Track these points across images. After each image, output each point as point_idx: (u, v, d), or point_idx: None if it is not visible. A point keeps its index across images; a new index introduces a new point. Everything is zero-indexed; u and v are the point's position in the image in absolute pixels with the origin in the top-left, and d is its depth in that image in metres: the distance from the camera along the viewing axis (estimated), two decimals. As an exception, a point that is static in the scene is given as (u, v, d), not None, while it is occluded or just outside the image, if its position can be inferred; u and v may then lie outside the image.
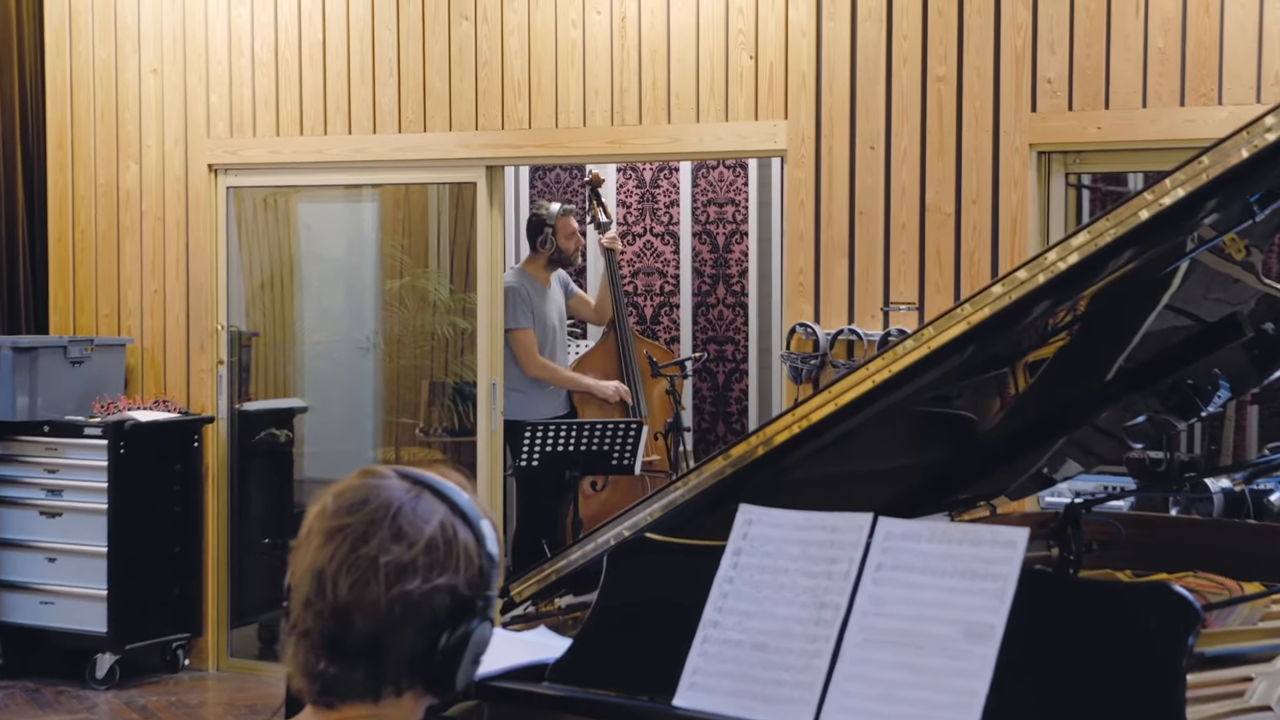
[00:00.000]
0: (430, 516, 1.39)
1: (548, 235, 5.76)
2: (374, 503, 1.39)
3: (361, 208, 6.85)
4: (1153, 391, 2.49)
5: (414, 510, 1.39)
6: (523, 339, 5.65)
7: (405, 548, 1.37)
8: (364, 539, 1.37)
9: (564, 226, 5.80)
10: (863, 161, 4.74)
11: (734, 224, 6.86)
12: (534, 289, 5.73)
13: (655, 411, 5.94)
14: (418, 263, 6.86)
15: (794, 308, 4.82)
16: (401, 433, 6.80)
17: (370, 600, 1.36)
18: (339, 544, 1.38)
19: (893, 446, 2.48)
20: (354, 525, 1.38)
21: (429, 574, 1.37)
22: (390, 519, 1.38)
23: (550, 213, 5.80)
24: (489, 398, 5.28)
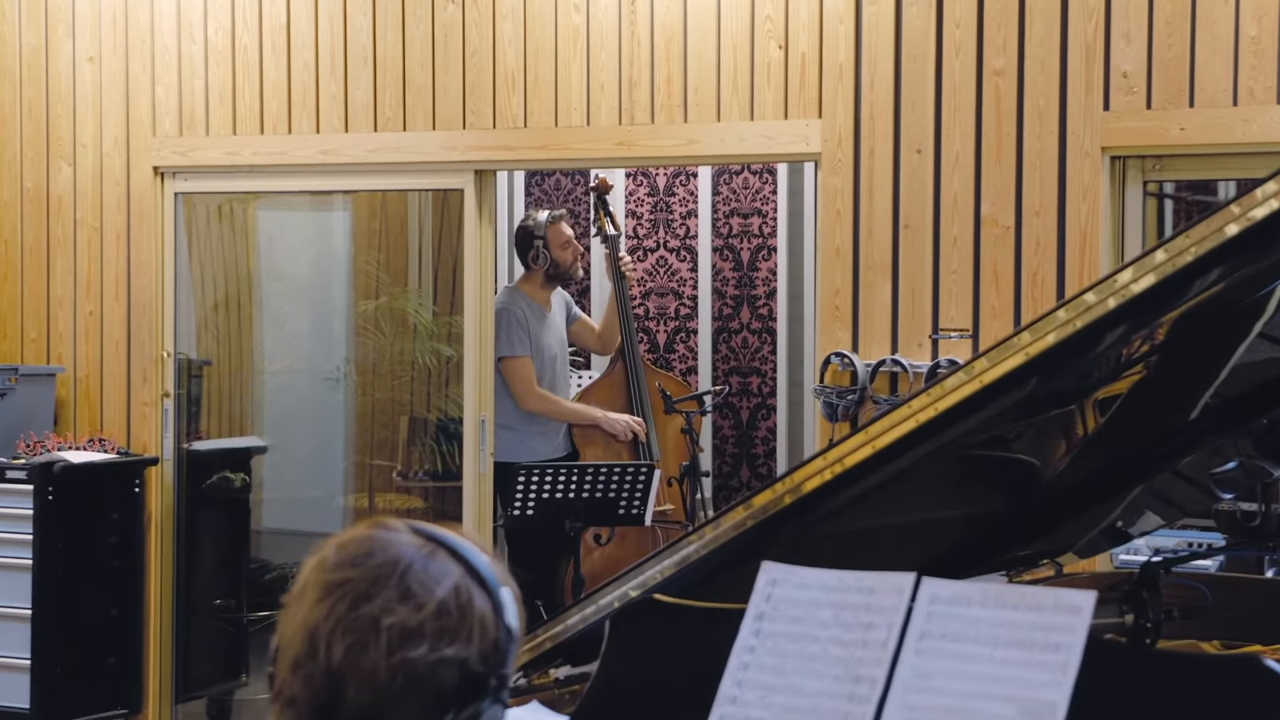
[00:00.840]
0: (443, 578, 1.40)
1: (539, 249, 5.79)
2: (380, 557, 1.40)
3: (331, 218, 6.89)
4: (1245, 433, 2.49)
5: (425, 569, 1.40)
6: (518, 369, 5.67)
7: (412, 610, 1.38)
8: (366, 597, 1.39)
9: (556, 235, 5.83)
10: (908, 167, 4.76)
11: (760, 238, 6.89)
12: (530, 311, 5.75)
13: (669, 453, 5.95)
14: (396, 281, 6.89)
15: (829, 335, 4.83)
16: (377, 476, 6.81)
17: (368, 666, 1.37)
18: (337, 600, 1.39)
19: (940, 496, 2.49)
20: (356, 580, 1.39)
21: (437, 642, 1.38)
22: (398, 577, 1.39)
23: (538, 222, 5.83)
24: (476, 436, 5.29)
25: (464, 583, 1.41)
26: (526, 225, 5.86)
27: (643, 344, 6.97)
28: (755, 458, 6.94)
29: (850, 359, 4.78)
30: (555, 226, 5.83)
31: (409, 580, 1.39)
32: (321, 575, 1.41)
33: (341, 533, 1.44)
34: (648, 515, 5.08)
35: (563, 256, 5.82)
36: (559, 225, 5.85)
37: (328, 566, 1.41)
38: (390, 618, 1.37)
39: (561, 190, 7.21)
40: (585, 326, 6.14)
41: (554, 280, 5.87)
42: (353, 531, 1.43)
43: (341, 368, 6.83)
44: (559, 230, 5.84)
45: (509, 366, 5.65)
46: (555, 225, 5.83)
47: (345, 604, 1.38)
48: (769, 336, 6.88)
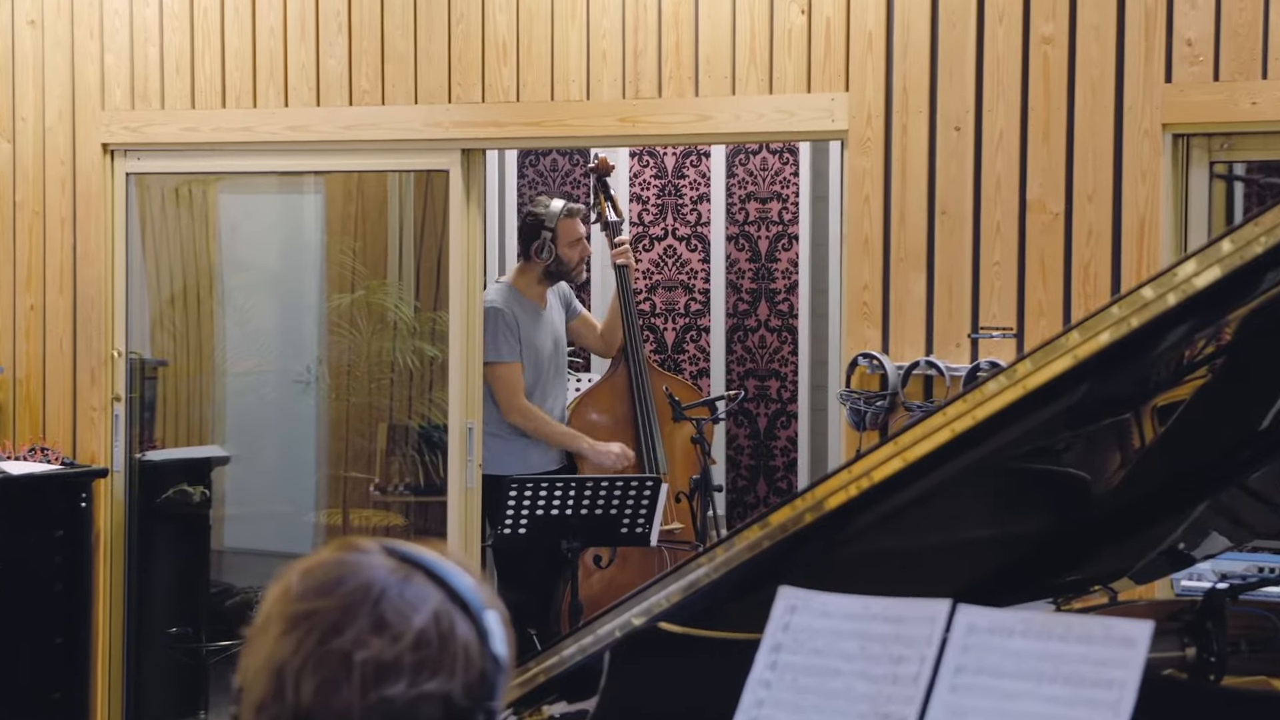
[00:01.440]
0: (421, 604, 1.41)
1: (545, 241, 5.80)
2: (351, 583, 1.41)
3: (301, 202, 6.89)
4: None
5: (401, 595, 1.40)
6: (505, 376, 5.68)
7: (388, 642, 1.38)
8: (337, 629, 1.39)
9: (567, 231, 5.83)
10: (945, 146, 4.76)
11: (780, 225, 6.89)
12: (524, 310, 5.76)
13: (678, 466, 5.95)
14: (374, 273, 6.90)
15: (856, 334, 4.83)
16: (352, 490, 6.82)
17: (340, 707, 1.37)
18: (305, 634, 1.39)
19: (979, 514, 2.49)
20: (325, 611, 1.40)
21: (416, 676, 1.38)
22: (371, 605, 1.39)
23: (550, 212, 5.83)
24: (463, 446, 5.30)
25: (445, 608, 1.41)
26: (537, 213, 5.85)
27: (648, 344, 6.98)
28: (774, 471, 6.94)
29: (879, 361, 4.78)
30: (569, 221, 5.84)
31: (383, 608, 1.39)
32: (286, 606, 1.41)
33: (307, 557, 1.44)
34: (653, 534, 5.08)
35: (569, 255, 5.83)
36: (573, 221, 5.85)
37: (293, 596, 1.41)
38: (364, 651, 1.37)
39: (558, 172, 7.22)
40: (586, 324, 6.15)
41: (553, 278, 5.87)
42: (319, 556, 1.43)
43: (313, 369, 6.84)
44: (572, 226, 5.84)
45: (495, 373, 5.66)
46: (569, 220, 5.84)
47: (314, 638, 1.38)
48: (789, 335, 6.88)
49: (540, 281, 5.85)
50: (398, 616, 1.39)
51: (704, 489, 5.49)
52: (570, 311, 6.07)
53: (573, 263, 5.85)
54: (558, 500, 4.97)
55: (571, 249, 5.84)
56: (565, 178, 7.21)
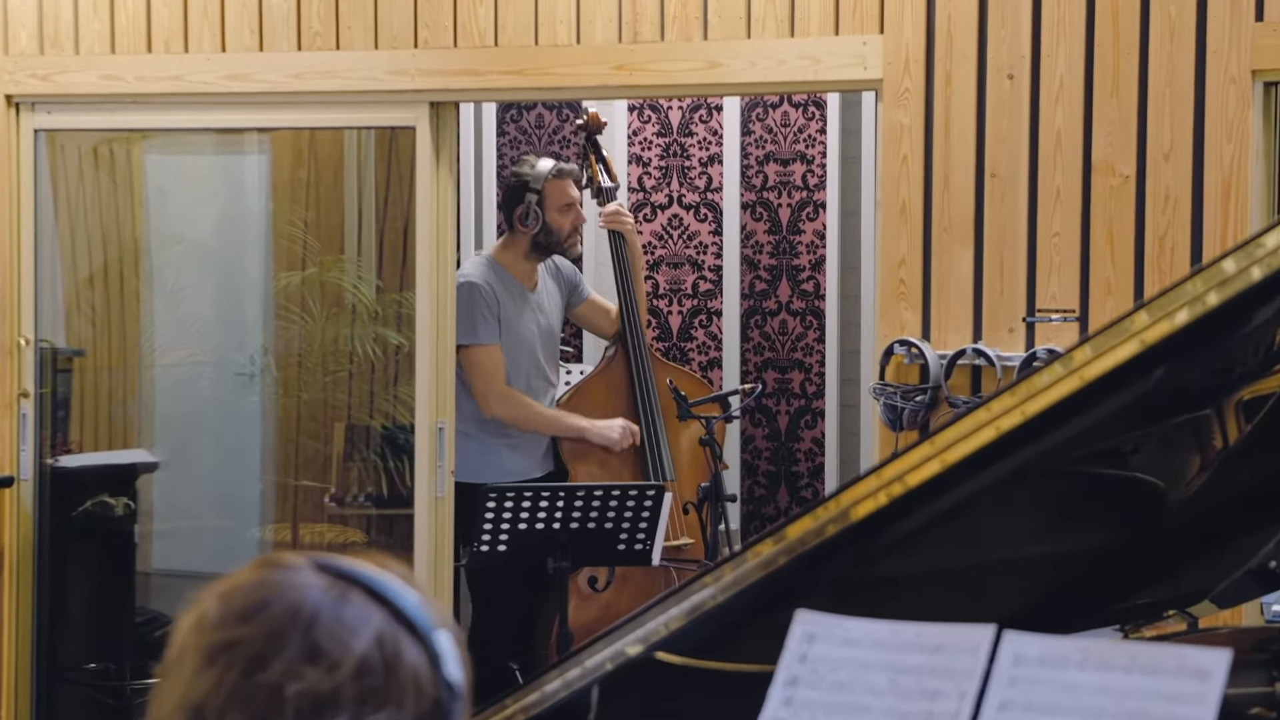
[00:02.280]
0: (361, 626, 1.41)
1: (530, 206, 5.78)
2: (277, 606, 1.41)
3: (243, 164, 6.90)
4: None
5: (337, 618, 1.41)
6: (481, 361, 5.67)
7: (325, 672, 1.39)
8: (263, 660, 1.39)
9: (556, 193, 5.81)
10: (996, 98, 4.76)
11: (804, 191, 6.90)
12: (505, 287, 5.75)
13: (685, 471, 5.96)
14: (328, 247, 6.90)
15: (892, 318, 4.83)
16: (303, 501, 6.83)
17: None
18: (226, 667, 1.40)
19: (1030, 527, 2.49)
20: (248, 640, 1.40)
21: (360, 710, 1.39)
22: (302, 630, 1.40)
23: (536, 172, 5.81)
24: (432, 449, 5.30)
25: (389, 630, 1.41)
26: (521, 174, 5.84)
27: (651, 329, 6.98)
28: (797, 477, 6.95)
29: (919, 349, 4.78)
30: (558, 183, 5.82)
31: (316, 633, 1.39)
32: (203, 636, 1.41)
33: (224, 579, 1.44)
34: (656, 552, 5.08)
35: (559, 223, 5.81)
36: (563, 183, 5.83)
37: (210, 624, 1.42)
38: (297, 684, 1.38)
39: (545, 129, 7.22)
40: (596, 310, 6.12)
41: (542, 251, 5.85)
42: (238, 576, 1.44)
43: (257, 360, 6.85)
44: (562, 189, 5.82)
45: (470, 358, 5.66)
46: (559, 182, 5.82)
47: (236, 671, 1.39)
48: (815, 320, 6.89)
49: (528, 256, 5.84)
50: (334, 642, 1.40)
51: (715, 498, 5.50)
52: (576, 295, 6.05)
53: (564, 232, 5.83)
54: (544, 512, 4.97)
55: (562, 215, 5.82)
56: (553, 136, 7.21)
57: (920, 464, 2.19)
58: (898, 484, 2.22)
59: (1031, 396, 2.10)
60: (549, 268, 5.97)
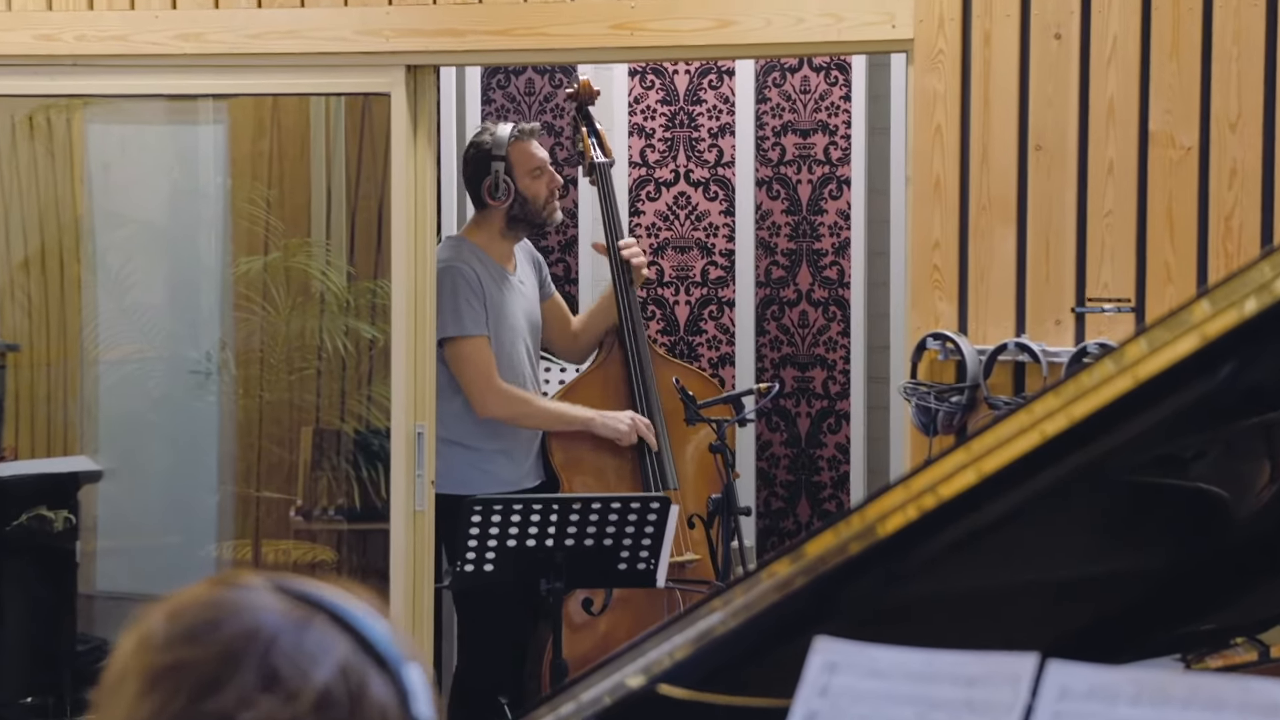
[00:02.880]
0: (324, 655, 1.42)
1: (497, 176, 5.78)
2: (231, 628, 1.42)
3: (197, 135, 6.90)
4: None
5: (298, 644, 1.41)
6: (470, 355, 5.66)
7: (282, 701, 1.39)
8: (214, 684, 1.40)
9: (522, 157, 5.82)
10: (1042, 60, 4.75)
11: (826, 166, 6.89)
12: (485, 269, 5.75)
13: (692, 482, 5.96)
14: (293, 228, 6.91)
15: (924, 308, 4.83)
16: (266, 515, 6.84)
17: None
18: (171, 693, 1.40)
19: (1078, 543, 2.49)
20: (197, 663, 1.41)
21: None
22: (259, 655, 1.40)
23: (496, 138, 5.82)
24: (410, 456, 5.30)
25: (354, 661, 1.41)
26: (481, 143, 5.85)
27: (654, 321, 6.98)
28: (819, 488, 6.95)
29: (956, 344, 4.78)
30: (521, 145, 5.83)
31: (275, 660, 1.39)
32: (146, 658, 1.41)
33: (173, 596, 1.44)
34: (660, 572, 5.09)
35: (532, 189, 5.81)
36: (526, 144, 5.84)
37: (155, 644, 1.42)
38: (250, 713, 1.38)
39: (535, 95, 7.22)
40: (557, 313, 6.13)
41: (519, 225, 5.86)
42: (189, 593, 1.44)
43: (213, 356, 6.86)
44: (526, 151, 5.83)
45: (458, 352, 5.65)
46: (521, 143, 5.83)
47: (183, 697, 1.39)
48: (839, 311, 6.88)
49: (504, 234, 5.85)
50: (294, 670, 1.40)
51: (726, 512, 5.50)
52: (544, 289, 6.06)
53: (540, 199, 5.84)
54: (535, 527, 4.98)
55: (534, 180, 5.83)
56: (545, 103, 7.21)
57: (954, 473, 2.19)
58: (929, 496, 2.22)
59: (1078, 397, 2.10)
60: (525, 251, 5.98)
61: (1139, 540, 2.58)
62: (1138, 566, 2.61)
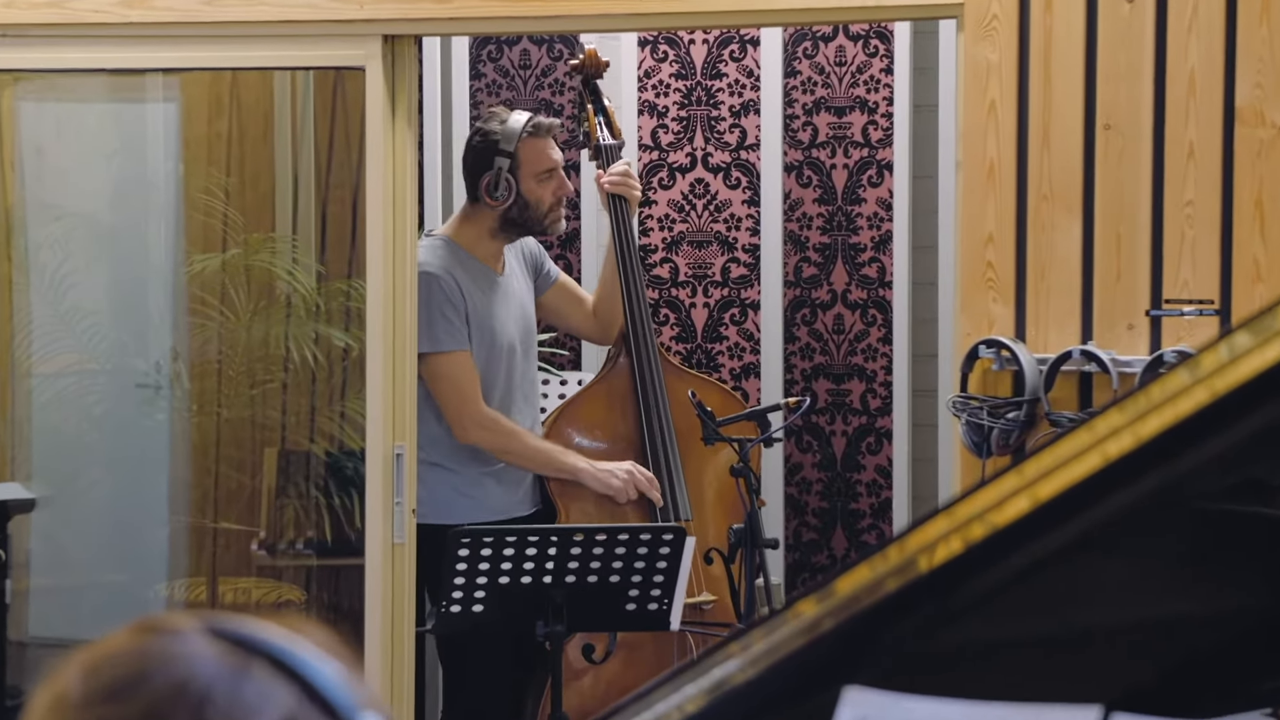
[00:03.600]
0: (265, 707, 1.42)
1: (501, 173, 5.75)
2: (159, 681, 1.41)
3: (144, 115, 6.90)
4: None
5: (234, 697, 1.41)
6: (451, 373, 5.66)
7: (219, 764, 1.40)
8: None
9: (534, 156, 5.79)
10: (1110, 27, 4.76)
11: (865, 148, 6.90)
12: (470, 276, 5.74)
13: (710, 510, 5.96)
14: (254, 222, 6.92)
15: (977, 311, 4.83)
16: (225, 549, 6.84)
17: None
18: None
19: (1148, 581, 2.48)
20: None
21: None
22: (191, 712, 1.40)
23: (508, 128, 5.79)
24: (388, 481, 5.30)
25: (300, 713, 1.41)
26: (489, 132, 5.80)
27: (667, 326, 6.98)
28: (856, 517, 6.95)
29: (1012, 351, 4.78)
30: (534, 143, 5.79)
31: (209, 715, 1.39)
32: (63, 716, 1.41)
33: (91, 647, 1.44)
34: (674, 613, 5.09)
35: (536, 193, 5.78)
36: (541, 142, 5.80)
37: (71, 703, 1.41)
38: None
39: (531, 69, 7.22)
40: (567, 295, 6.12)
41: (513, 229, 5.83)
42: (110, 643, 1.43)
43: (164, 368, 6.86)
44: (539, 150, 5.80)
45: (435, 370, 5.64)
46: (535, 141, 5.79)
47: None
48: (879, 314, 6.89)
49: (495, 235, 5.83)
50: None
51: (750, 545, 5.50)
52: (542, 278, 6.05)
53: (544, 207, 5.81)
54: (531, 562, 4.98)
55: (541, 184, 5.80)
56: (543, 79, 7.22)
57: (1005, 500, 2.19)
58: (977, 525, 2.22)
59: (1147, 413, 2.10)
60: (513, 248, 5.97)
61: (1221, 578, 2.57)
62: (1219, 608, 2.60)
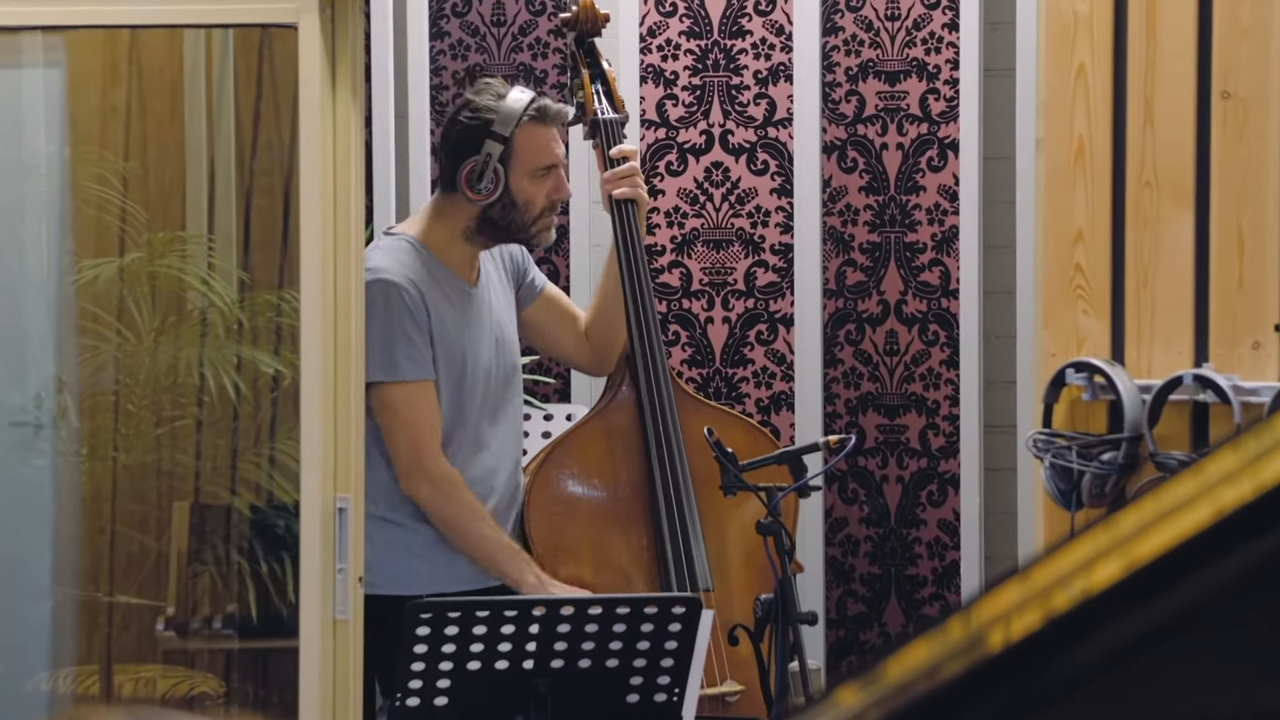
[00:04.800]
0: None
1: (490, 163, 5.73)
2: None
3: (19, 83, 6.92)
4: None
5: None
6: (408, 405, 5.67)
7: None
8: None
9: (531, 145, 5.72)
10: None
11: (925, 124, 6.91)
12: (438, 287, 5.74)
13: (734, 577, 5.97)
14: (160, 219, 6.94)
15: (1064, 326, 4.85)
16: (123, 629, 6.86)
17: None
18: None
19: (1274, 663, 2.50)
20: None
21: None
22: None
23: (505, 109, 5.73)
24: (327, 542, 5.31)
25: None
26: (481, 108, 5.76)
27: (678, 347, 7.00)
28: (914, 585, 6.95)
29: (1108, 376, 4.79)
30: (536, 131, 5.76)
31: None
32: None
33: None
34: (688, 706, 5.11)
35: (528, 193, 5.75)
36: (544, 131, 5.76)
37: None
38: None
39: (507, 26, 7.25)
40: (555, 311, 6.13)
41: (493, 233, 5.81)
42: None
43: (46, 402, 6.88)
44: (541, 140, 5.76)
45: (390, 402, 5.66)
46: (536, 128, 5.76)
47: None
48: (942, 331, 6.90)
49: (470, 237, 5.84)
50: None
51: (782, 620, 5.52)
52: (526, 288, 6.06)
53: (534, 210, 5.77)
54: (507, 641, 5.01)
55: (535, 184, 5.77)
56: (521, 38, 7.24)
57: (1096, 561, 2.20)
58: (1060, 594, 2.24)
59: (1267, 454, 2.12)
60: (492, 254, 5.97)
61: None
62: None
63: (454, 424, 5.78)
